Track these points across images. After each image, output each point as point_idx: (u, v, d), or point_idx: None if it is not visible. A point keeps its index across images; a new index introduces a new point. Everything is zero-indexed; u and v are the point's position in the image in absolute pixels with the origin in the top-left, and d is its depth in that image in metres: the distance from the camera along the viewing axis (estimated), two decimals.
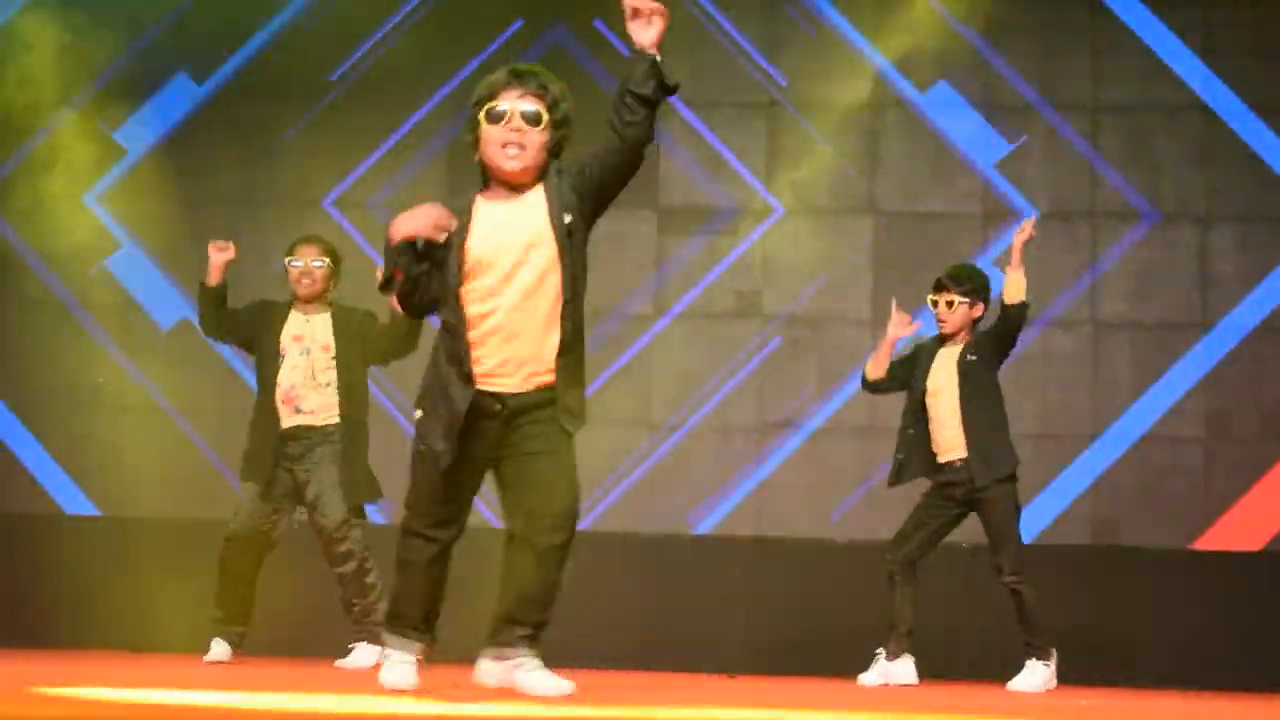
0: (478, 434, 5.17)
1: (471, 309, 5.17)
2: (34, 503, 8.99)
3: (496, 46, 9.06)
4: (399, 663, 5.23)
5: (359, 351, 7.57)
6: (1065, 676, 7.59)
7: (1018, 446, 7.76)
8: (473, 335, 5.17)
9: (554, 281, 5.21)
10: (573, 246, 5.20)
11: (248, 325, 7.61)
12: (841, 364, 8.89)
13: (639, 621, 8.28)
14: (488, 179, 5.28)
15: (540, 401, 5.22)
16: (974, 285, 7.47)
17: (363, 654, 7.34)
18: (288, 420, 7.47)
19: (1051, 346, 8.80)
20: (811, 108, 9.07)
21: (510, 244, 5.19)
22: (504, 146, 5.18)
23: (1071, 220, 8.95)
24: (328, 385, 7.53)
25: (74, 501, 8.94)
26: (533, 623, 5.16)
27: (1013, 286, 7.24)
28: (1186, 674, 8.04)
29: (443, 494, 5.24)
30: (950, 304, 7.45)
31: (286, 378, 7.52)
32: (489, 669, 5.19)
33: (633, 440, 8.62)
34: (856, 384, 8.75)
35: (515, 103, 5.19)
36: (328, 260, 7.59)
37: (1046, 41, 9.04)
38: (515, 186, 5.22)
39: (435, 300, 5.24)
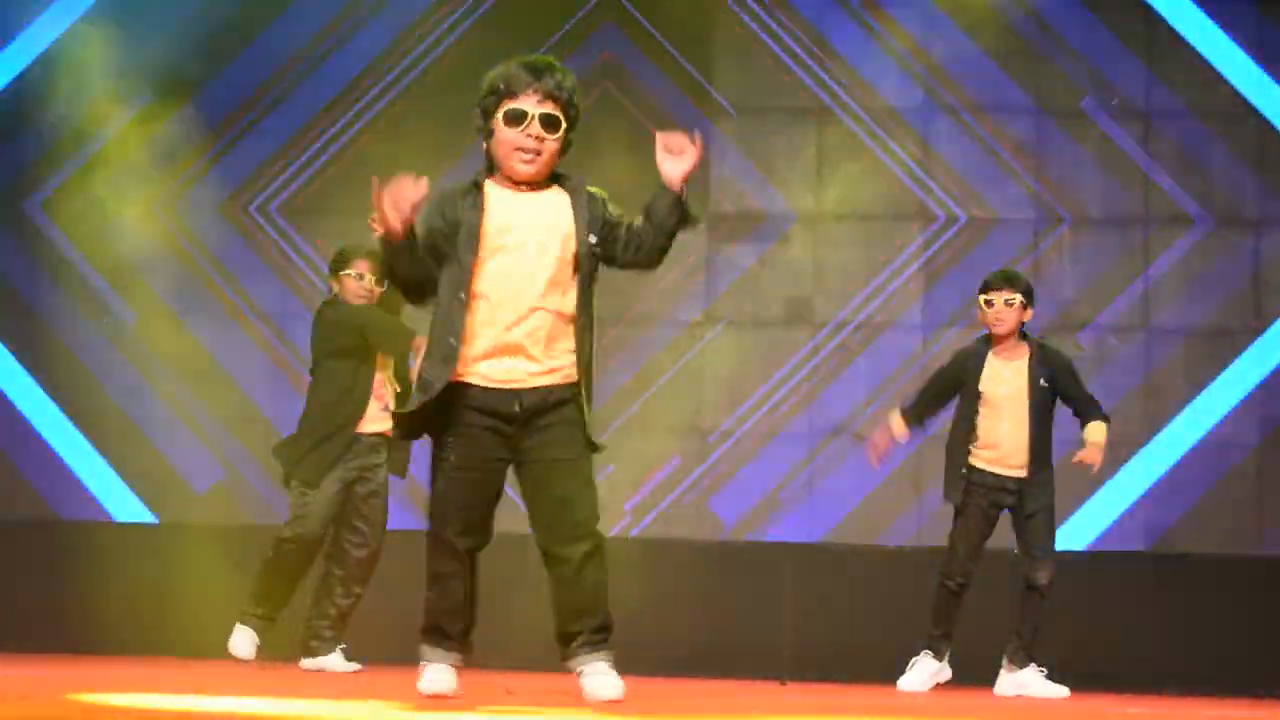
0: (494, 436, 5.10)
1: (481, 288, 5.06)
2: (87, 509, 9.03)
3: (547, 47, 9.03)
4: (439, 671, 5.19)
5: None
6: (1119, 684, 7.59)
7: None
8: (473, 319, 5.07)
9: (567, 285, 5.13)
10: (591, 269, 5.16)
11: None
12: (892, 370, 8.90)
13: (689, 628, 8.30)
14: (489, 164, 5.22)
15: (559, 401, 5.13)
16: (1025, 286, 7.49)
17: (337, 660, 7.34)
18: (372, 424, 7.39)
19: (1104, 352, 8.79)
20: (862, 113, 9.09)
21: (529, 236, 5.13)
22: (518, 150, 5.12)
23: (1124, 226, 8.92)
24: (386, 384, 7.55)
25: (126, 508, 9.01)
26: (587, 629, 5.15)
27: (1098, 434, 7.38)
28: (1243, 682, 7.99)
29: (462, 500, 5.15)
30: (1009, 302, 7.41)
31: (382, 375, 7.52)
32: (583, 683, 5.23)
33: (683, 447, 8.65)
34: (907, 390, 8.68)
35: (535, 107, 5.12)
36: (378, 273, 7.50)
37: (1100, 46, 8.95)
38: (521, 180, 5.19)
39: (428, 281, 5.15)
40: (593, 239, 5.16)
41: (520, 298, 5.10)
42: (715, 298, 8.78)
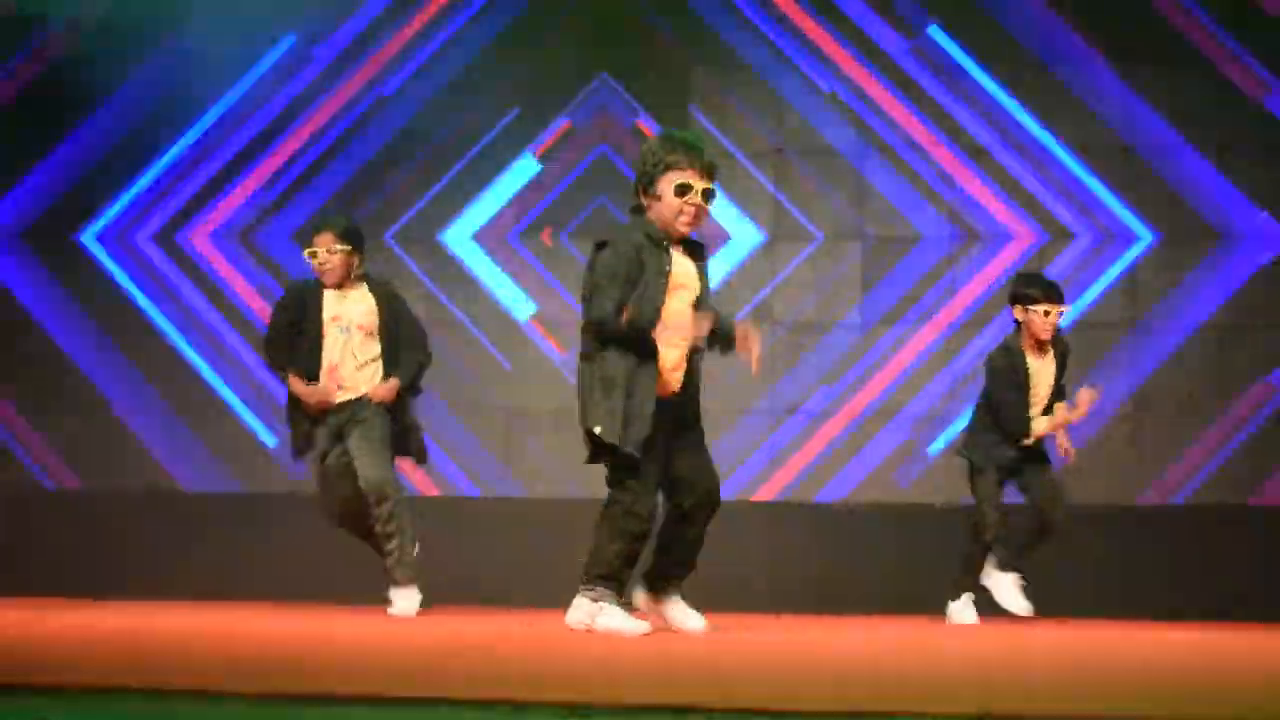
0: (663, 418, 5.60)
1: (665, 319, 5.59)
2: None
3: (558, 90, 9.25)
4: (621, 613, 5.63)
5: (406, 329, 7.33)
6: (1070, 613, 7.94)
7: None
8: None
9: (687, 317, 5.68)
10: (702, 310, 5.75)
11: (296, 327, 7.26)
12: (835, 361, 9.09)
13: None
14: (650, 216, 5.63)
15: (688, 402, 5.78)
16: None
17: (402, 601, 7.21)
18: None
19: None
20: (811, 153, 9.15)
21: (685, 283, 5.71)
22: (680, 213, 5.60)
23: (1020, 241, 9.08)
24: (366, 363, 7.24)
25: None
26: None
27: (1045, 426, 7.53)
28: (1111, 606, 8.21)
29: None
30: (1061, 314, 7.53)
31: (328, 356, 7.22)
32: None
33: None
34: (848, 376, 9.05)
35: (698, 182, 5.58)
36: (344, 245, 7.20)
37: (1000, 94, 9.10)
38: (679, 237, 5.68)
39: None
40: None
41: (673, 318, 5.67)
42: None
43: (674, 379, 5.66)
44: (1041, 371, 7.55)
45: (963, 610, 7.58)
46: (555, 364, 9.32)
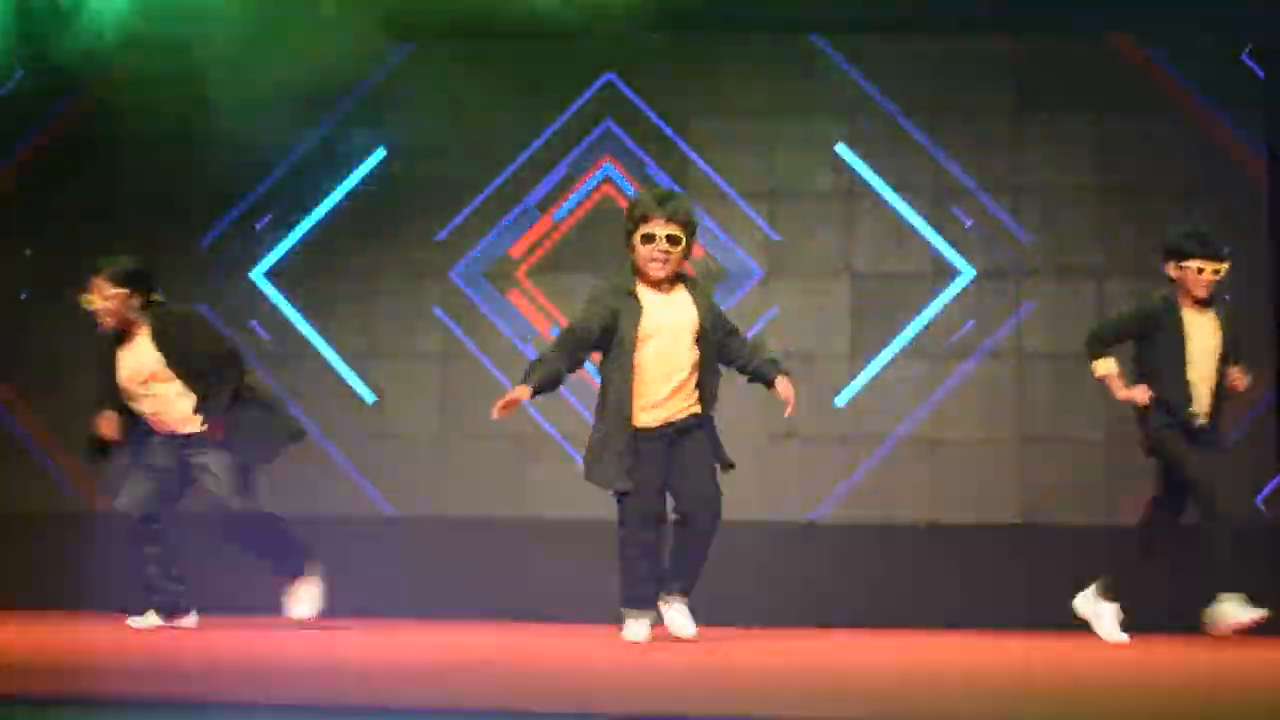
0: (650, 449, 5.91)
1: (640, 364, 5.86)
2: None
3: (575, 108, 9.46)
4: (633, 626, 5.97)
5: (199, 359, 6.82)
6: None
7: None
8: (636, 382, 5.86)
9: (693, 352, 5.97)
10: (710, 342, 6.03)
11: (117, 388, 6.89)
12: (826, 388, 9.25)
13: None
14: (634, 268, 5.91)
15: (690, 427, 6.04)
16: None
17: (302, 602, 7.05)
18: (164, 437, 6.99)
19: (988, 371, 9.11)
20: (803, 196, 9.35)
21: (669, 323, 5.93)
22: (651, 260, 5.88)
23: (998, 277, 9.28)
24: (177, 401, 6.90)
25: None
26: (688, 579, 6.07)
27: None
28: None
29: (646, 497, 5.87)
30: (1217, 272, 6.85)
31: (148, 410, 6.95)
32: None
33: None
34: (840, 402, 9.14)
35: (661, 229, 5.84)
36: (119, 289, 6.87)
37: (978, 141, 9.39)
38: (658, 281, 5.94)
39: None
40: (708, 325, 5.99)
41: (660, 362, 5.90)
42: None
43: (648, 414, 5.96)
44: (1201, 328, 6.94)
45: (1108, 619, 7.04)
46: (560, 393, 9.19)
